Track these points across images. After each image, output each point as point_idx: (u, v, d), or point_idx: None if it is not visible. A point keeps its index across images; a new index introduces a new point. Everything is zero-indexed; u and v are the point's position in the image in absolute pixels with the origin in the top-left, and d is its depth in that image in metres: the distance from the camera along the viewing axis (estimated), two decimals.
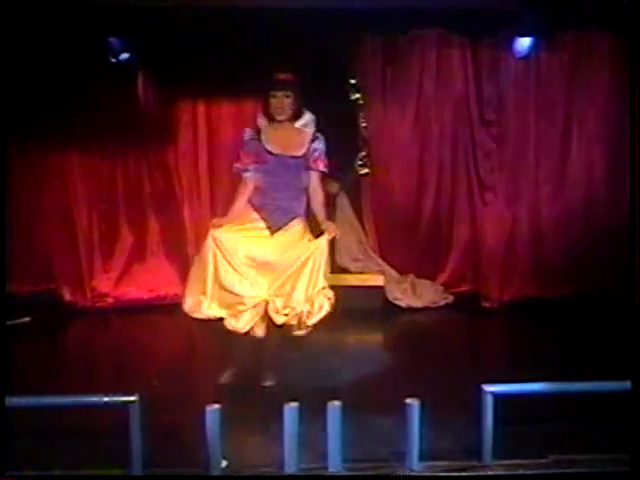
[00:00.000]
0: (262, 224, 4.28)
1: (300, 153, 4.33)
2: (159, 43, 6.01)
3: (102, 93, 6.13)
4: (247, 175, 4.34)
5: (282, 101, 4.29)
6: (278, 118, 4.29)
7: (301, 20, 5.50)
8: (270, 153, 4.28)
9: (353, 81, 6.52)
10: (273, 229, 4.28)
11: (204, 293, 4.16)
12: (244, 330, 4.17)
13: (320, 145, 4.39)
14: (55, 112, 6.16)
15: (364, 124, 6.59)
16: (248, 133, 4.38)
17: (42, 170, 6.38)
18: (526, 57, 6.20)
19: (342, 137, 6.53)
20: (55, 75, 6.05)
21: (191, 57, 6.14)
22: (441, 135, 6.53)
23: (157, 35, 5.88)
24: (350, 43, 6.34)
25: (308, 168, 4.36)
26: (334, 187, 6.72)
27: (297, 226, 4.33)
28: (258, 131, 4.34)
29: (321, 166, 4.38)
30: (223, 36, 6.01)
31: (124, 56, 5.93)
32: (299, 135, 4.36)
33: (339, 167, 6.63)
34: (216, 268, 4.15)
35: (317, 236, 4.29)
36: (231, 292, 4.16)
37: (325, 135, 6.38)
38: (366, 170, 6.66)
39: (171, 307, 6.55)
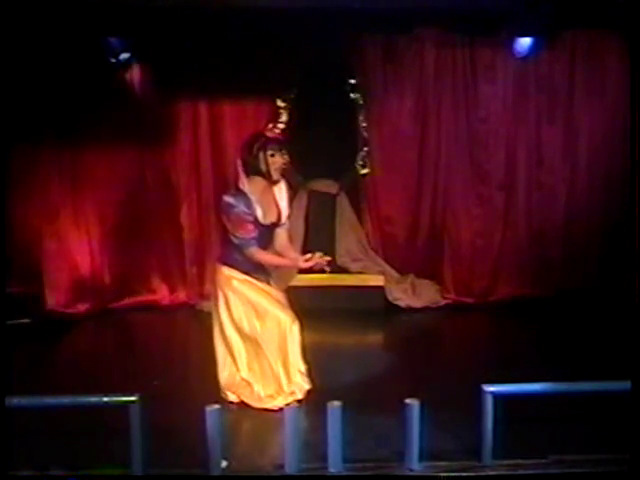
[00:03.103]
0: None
1: (283, 220, 4.24)
2: (159, 43, 6.02)
3: (101, 93, 6.11)
4: (253, 246, 4.04)
5: (279, 160, 4.07)
6: (275, 178, 4.10)
7: (301, 20, 5.50)
8: (262, 225, 4.08)
9: (353, 81, 6.52)
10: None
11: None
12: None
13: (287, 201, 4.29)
14: (53, 114, 6.13)
15: (364, 124, 6.58)
16: (240, 204, 3.99)
17: (40, 172, 6.36)
18: (526, 57, 6.20)
19: (342, 137, 6.55)
20: (54, 76, 6.04)
21: (191, 57, 6.14)
22: (441, 134, 6.53)
23: (157, 35, 5.89)
24: (350, 43, 6.34)
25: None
26: (334, 187, 6.73)
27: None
28: (247, 201, 4.01)
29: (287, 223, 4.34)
30: (223, 36, 6.02)
31: (124, 56, 5.93)
32: (281, 201, 4.21)
33: (339, 167, 6.68)
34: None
35: None
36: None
37: (325, 135, 6.45)
38: (366, 170, 6.67)
39: (168, 308, 6.63)
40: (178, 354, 5.36)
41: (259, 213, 4.05)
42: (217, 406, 3.22)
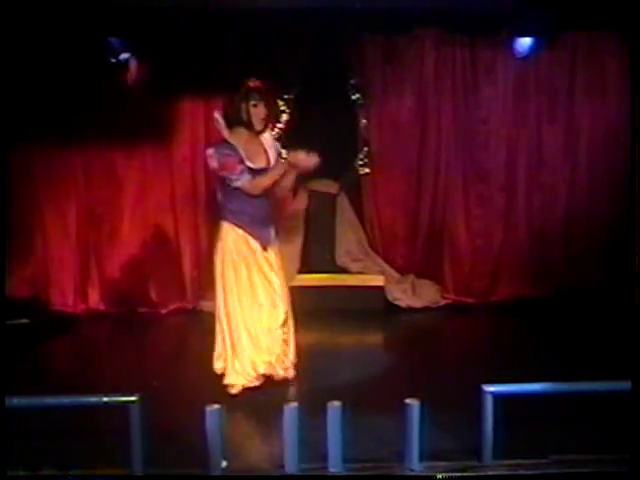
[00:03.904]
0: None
1: (272, 164, 4.24)
2: (159, 43, 6.01)
3: (101, 93, 6.11)
4: (247, 176, 4.09)
5: (262, 110, 4.12)
6: (258, 128, 4.14)
7: (301, 20, 5.50)
8: (251, 169, 4.09)
9: (353, 81, 6.52)
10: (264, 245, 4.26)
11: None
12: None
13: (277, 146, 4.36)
14: (52, 114, 6.11)
15: (364, 124, 6.58)
16: (225, 148, 4.06)
17: (40, 172, 6.36)
18: (526, 57, 6.20)
19: (342, 137, 6.55)
20: (53, 76, 6.03)
21: (191, 57, 6.13)
22: (441, 134, 6.53)
23: (157, 35, 5.88)
24: (350, 43, 6.34)
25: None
26: (334, 187, 6.73)
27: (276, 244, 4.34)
28: (232, 146, 4.07)
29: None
30: (223, 36, 6.02)
31: (124, 56, 5.92)
32: (268, 148, 4.25)
33: (339, 167, 6.67)
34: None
35: None
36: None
37: (325, 135, 6.43)
38: (366, 170, 6.66)
39: (168, 309, 6.61)
40: (178, 354, 5.36)
41: (244, 156, 4.05)
42: (217, 406, 3.21)
